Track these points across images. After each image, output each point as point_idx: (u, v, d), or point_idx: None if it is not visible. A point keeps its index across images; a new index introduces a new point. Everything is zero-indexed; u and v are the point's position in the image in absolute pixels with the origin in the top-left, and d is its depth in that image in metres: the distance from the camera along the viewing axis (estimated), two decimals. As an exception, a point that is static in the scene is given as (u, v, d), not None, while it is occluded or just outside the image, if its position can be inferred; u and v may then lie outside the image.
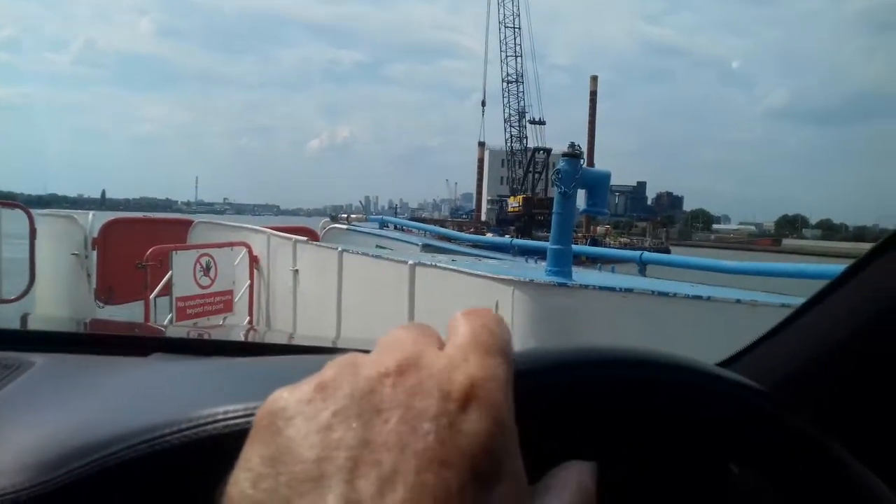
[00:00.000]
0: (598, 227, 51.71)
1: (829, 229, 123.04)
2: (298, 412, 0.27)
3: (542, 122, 60.28)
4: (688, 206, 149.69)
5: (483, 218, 64.20)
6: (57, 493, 0.46)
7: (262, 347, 1.11)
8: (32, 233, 6.35)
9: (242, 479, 0.26)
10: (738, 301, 3.34)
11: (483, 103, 63.60)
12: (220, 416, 0.47)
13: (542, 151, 55.10)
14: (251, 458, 0.27)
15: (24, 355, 0.77)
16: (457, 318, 0.32)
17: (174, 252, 5.15)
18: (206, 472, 0.45)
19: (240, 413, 0.46)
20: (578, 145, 4.26)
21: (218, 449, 0.45)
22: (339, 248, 5.16)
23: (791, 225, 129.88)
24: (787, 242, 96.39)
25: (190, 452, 0.46)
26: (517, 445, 0.28)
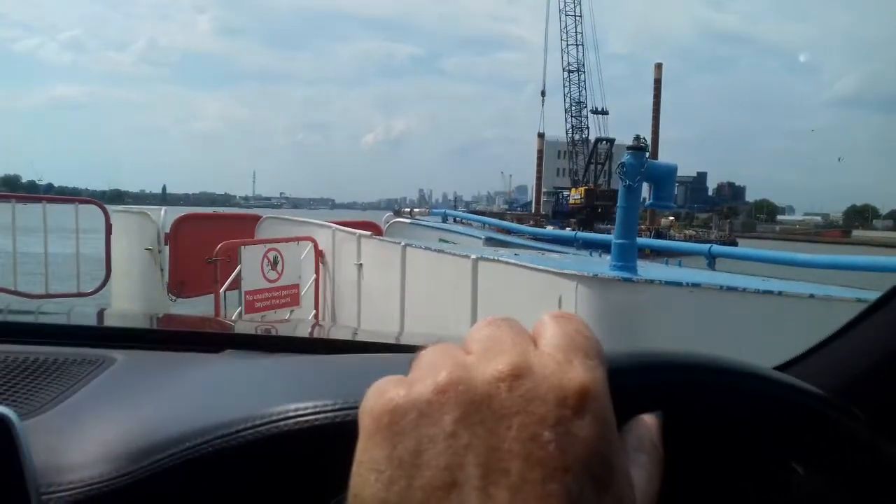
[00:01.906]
0: (663, 220, 50.50)
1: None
2: (422, 414, 0.27)
3: (604, 112, 59.40)
4: (750, 197, 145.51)
5: (534, 210, 63.65)
6: (139, 484, 0.49)
7: (329, 344, 1.13)
8: (108, 228, 6.66)
9: (373, 480, 0.26)
10: (812, 296, 3.23)
11: (543, 93, 63.05)
12: (292, 413, 0.49)
13: (604, 142, 54.24)
14: (377, 458, 0.27)
15: (106, 351, 0.81)
16: (545, 320, 0.32)
17: (243, 247, 5.29)
18: (279, 465, 0.49)
19: (309, 410, 0.49)
20: (644, 138, 4.20)
21: (289, 444, 0.48)
22: (402, 243, 5.20)
23: (860, 215, 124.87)
24: (857, 234, 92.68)
25: (263, 447, 0.48)
26: (621, 445, 0.29)
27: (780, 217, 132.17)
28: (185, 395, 0.65)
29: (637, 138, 4.13)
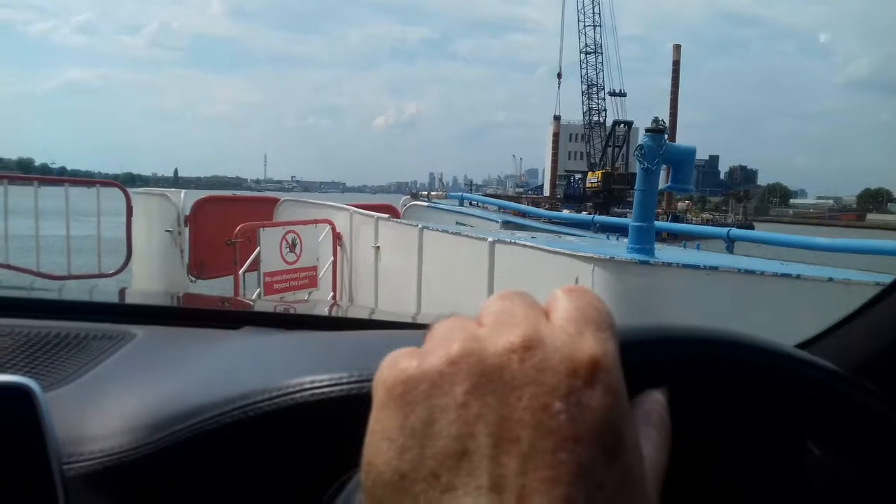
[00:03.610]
0: (679, 203, 49.90)
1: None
2: (434, 385, 0.27)
3: (622, 94, 58.54)
4: (762, 181, 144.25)
5: (550, 194, 63.04)
6: (160, 454, 0.51)
7: (346, 322, 1.14)
8: (129, 210, 6.70)
9: (386, 449, 0.27)
10: (831, 279, 3.22)
11: (559, 76, 62.37)
12: (308, 385, 0.50)
13: (622, 124, 53.49)
14: (390, 428, 0.27)
15: (126, 327, 0.81)
16: (558, 294, 0.32)
17: (262, 229, 5.31)
18: (295, 436, 0.50)
19: (325, 382, 0.50)
20: (662, 120, 4.20)
21: (305, 415, 0.49)
22: (420, 226, 5.22)
23: (874, 199, 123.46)
24: (872, 217, 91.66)
25: (279, 418, 0.50)
26: (632, 417, 0.29)
27: (792, 200, 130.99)
28: (203, 368, 0.66)
29: (655, 120, 4.12)
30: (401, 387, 0.28)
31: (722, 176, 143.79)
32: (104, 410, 0.57)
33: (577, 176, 56.89)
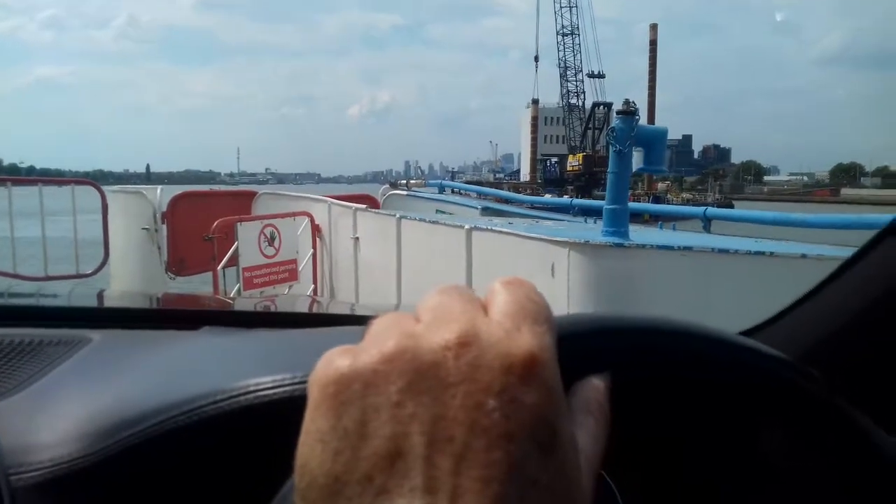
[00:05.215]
0: (660, 184, 50.24)
1: (887, 177, 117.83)
2: (367, 384, 0.27)
3: (601, 76, 58.55)
4: (735, 159, 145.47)
5: (530, 179, 63.01)
6: (109, 460, 0.50)
7: (310, 318, 1.12)
8: (104, 209, 6.60)
9: (320, 451, 0.26)
10: (804, 256, 3.25)
11: (536, 59, 62.26)
12: (252, 388, 0.50)
13: (601, 106, 53.62)
14: (323, 429, 0.27)
15: (82, 332, 0.79)
16: (496, 287, 0.32)
17: (239, 223, 5.30)
18: (240, 440, 0.50)
19: (268, 385, 0.50)
20: (633, 102, 4.22)
21: (250, 419, 0.49)
22: (398, 215, 5.23)
23: (847, 174, 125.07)
24: (846, 192, 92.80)
25: (224, 422, 0.49)
26: (567, 409, 0.29)
27: (766, 178, 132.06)
28: (156, 372, 0.65)
29: (626, 102, 4.14)
30: (333, 386, 0.27)
31: (696, 155, 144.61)
32: (54, 419, 0.56)
33: (554, 160, 56.96)
